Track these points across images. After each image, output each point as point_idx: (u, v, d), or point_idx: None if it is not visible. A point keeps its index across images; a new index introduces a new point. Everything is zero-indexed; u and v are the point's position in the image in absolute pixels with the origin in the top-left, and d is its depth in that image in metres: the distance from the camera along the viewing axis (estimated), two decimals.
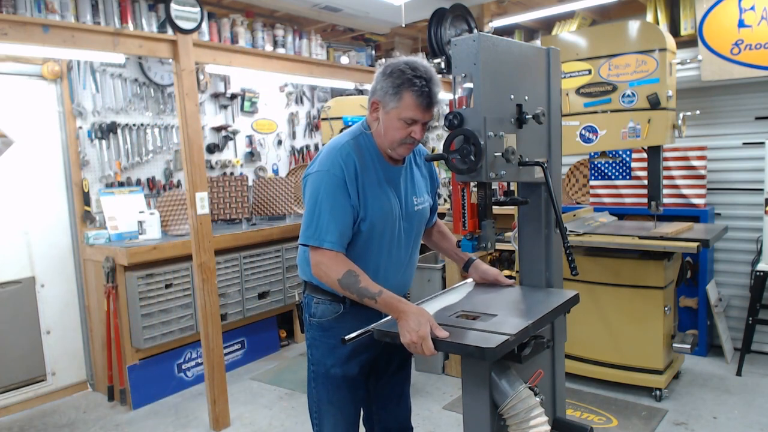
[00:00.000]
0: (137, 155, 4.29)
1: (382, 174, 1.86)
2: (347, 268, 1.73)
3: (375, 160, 1.86)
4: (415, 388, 3.88)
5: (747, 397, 3.50)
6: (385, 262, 1.89)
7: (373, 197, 1.82)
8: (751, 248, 4.12)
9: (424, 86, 1.74)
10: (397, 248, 1.92)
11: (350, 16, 4.34)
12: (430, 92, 1.75)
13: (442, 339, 1.55)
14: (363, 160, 1.82)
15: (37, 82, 3.83)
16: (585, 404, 3.48)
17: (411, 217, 1.95)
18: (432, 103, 1.77)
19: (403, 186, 1.93)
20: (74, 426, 3.57)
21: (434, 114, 1.85)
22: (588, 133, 3.39)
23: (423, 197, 2.00)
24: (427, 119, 1.80)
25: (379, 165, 1.87)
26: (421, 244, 2.12)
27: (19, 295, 3.79)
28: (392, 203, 1.87)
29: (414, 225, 1.98)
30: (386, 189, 1.86)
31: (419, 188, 2.00)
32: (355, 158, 1.80)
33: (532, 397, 1.66)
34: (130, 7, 3.25)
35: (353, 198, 1.77)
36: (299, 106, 5.72)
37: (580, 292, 3.56)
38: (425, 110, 1.77)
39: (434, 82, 1.76)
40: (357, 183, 1.78)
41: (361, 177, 1.80)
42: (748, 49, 3.76)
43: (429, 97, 1.75)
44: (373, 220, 1.81)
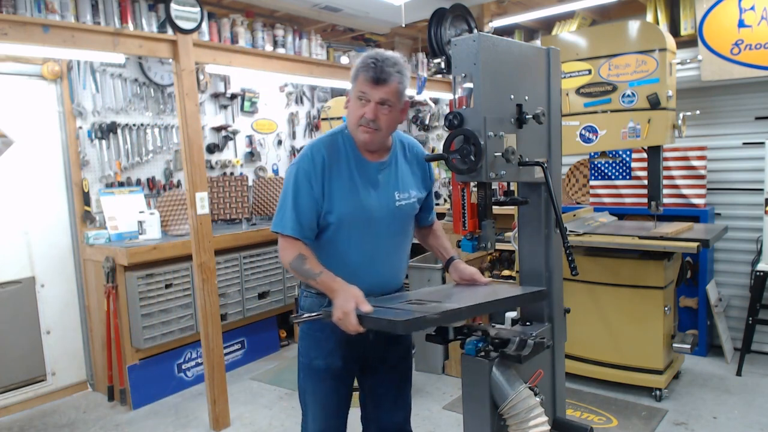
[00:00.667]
0: (137, 155, 4.29)
1: (355, 169, 1.89)
2: (299, 252, 1.85)
3: (350, 156, 1.90)
4: (415, 388, 3.88)
5: (747, 397, 3.50)
6: (358, 256, 1.90)
7: (341, 191, 1.86)
8: (751, 248, 4.12)
9: (373, 63, 1.80)
10: (371, 243, 1.91)
11: (350, 16, 4.34)
12: (379, 68, 1.79)
13: (364, 314, 1.59)
14: (335, 155, 1.88)
15: (37, 82, 3.83)
16: (585, 404, 3.48)
17: (390, 212, 1.93)
18: (381, 80, 1.79)
19: (383, 181, 1.93)
20: (74, 426, 3.57)
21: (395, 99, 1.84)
22: (588, 133, 3.39)
23: (408, 193, 1.98)
24: (377, 96, 1.81)
25: (354, 160, 1.90)
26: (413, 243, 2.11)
27: (19, 295, 3.79)
28: (363, 198, 1.88)
29: (395, 221, 1.96)
30: (358, 184, 1.88)
31: (404, 184, 1.98)
32: (324, 154, 1.87)
33: (532, 397, 1.66)
34: (130, 7, 3.25)
35: (317, 190, 1.85)
36: (299, 106, 5.72)
37: (581, 292, 3.59)
38: (373, 85, 1.80)
39: (387, 62, 1.80)
40: (323, 177, 1.85)
41: (328, 171, 1.86)
42: (748, 49, 3.76)
43: (376, 71, 1.78)
44: (340, 214, 1.86)
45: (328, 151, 1.89)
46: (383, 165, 1.95)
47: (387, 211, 1.93)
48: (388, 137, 1.94)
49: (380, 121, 1.83)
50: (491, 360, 1.69)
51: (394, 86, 1.82)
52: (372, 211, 1.89)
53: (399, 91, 1.84)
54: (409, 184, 2.00)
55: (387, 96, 1.81)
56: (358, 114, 1.84)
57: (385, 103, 1.82)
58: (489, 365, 1.68)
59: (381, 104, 1.82)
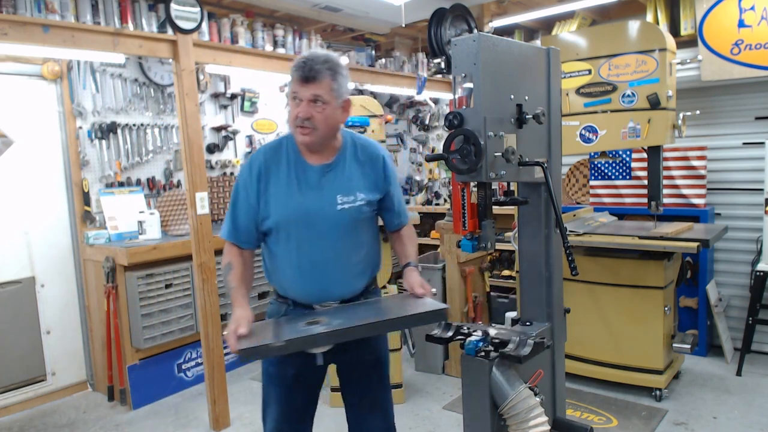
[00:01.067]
0: (137, 155, 4.28)
1: (294, 173, 1.88)
2: (230, 259, 1.92)
3: (292, 159, 1.90)
4: (415, 388, 3.88)
5: (747, 397, 3.50)
6: (302, 261, 1.88)
7: (277, 196, 1.87)
8: (751, 248, 4.12)
9: (303, 62, 1.78)
10: (312, 248, 1.87)
11: (350, 16, 4.34)
12: (308, 67, 1.77)
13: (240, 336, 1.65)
14: (276, 160, 1.89)
15: (37, 82, 3.83)
16: (585, 404, 3.48)
17: (332, 216, 1.87)
18: (309, 77, 1.76)
19: (326, 184, 1.89)
20: (74, 426, 3.57)
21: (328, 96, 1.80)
22: (588, 133, 3.39)
23: (353, 196, 1.90)
24: (308, 94, 1.78)
25: (294, 163, 1.89)
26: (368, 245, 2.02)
27: (19, 295, 3.78)
28: (300, 201, 1.86)
29: (339, 225, 1.89)
30: (296, 187, 1.87)
31: (350, 187, 1.91)
32: (262, 159, 1.90)
33: (532, 397, 1.66)
34: (130, 7, 3.25)
35: (252, 197, 1.88)
36: None
37: (581, 292, 3.59)
38: (303, 83, 1.78)
39: (317, 60, 1.77)
40: (258, 184, 1.88)
41: (265, 177, 1.88)
42: (748, 49, 3.76)
43: (305, 70, 1.76)
44: (276, 219, 1.87)
45: (269, 156, 1.90)
46: (328, 167, 1.90)
47: (327, 215, 1.87)
48: (329, 137, 1.88)
49: (315, 120, 1.79)
50: (491, 360, 1.69)
51: (326, 83, 1.78)
52: (310, 214, 1.86)
53: (332, 88, 1.80)
54: (357, 186, 1.93)
55: (318, 93, 1.78)
56: (293, 115, 1.82)
57: (318, 100, 1.78)
58: (489, 365, 1.68)
59: (313, 102, 1.79)
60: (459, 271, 4.03)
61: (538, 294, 2.02)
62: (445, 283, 4.09)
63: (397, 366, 3.66)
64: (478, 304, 4.18)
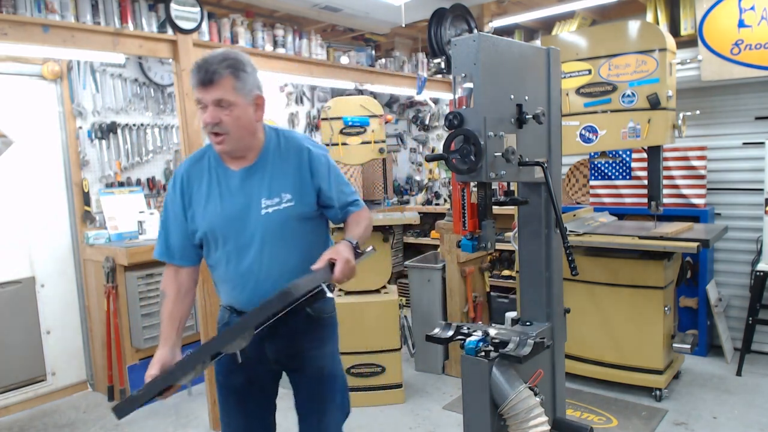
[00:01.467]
0: (137, 155, 4.29)
1: (216, 181, 1.80)
2: (162, 287, 1.87)
3: (213, 167, 1.82)
4: (415, 388, 3.89)
5: (747, 397, 3.50)
6: (230, 271, 1.80)
7: (200, 206, 1.79)
8: (751, 248, 4.12)
9: (199, 64, 1.68)
10: (241, 257, 1.78)
11: (350, 16, 4.34)
12: (204, 69, 1.66)
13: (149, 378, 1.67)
14: (199, 170, 1.83)
15: (37, 82, 3.83)
16: (585, 404, 3.48)
17: (258, 222, 1.76)
18: (207, 80, 1.65)
19: (249, 188, 1.78)
20: (74, 426, 3.57)
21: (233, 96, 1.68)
22: (588, 133, 3.39)
23: (279, 198, 1.78)
24: (210, 99, 1.67)
25: (216, 172, 1.81)
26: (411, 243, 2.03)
27: (19, 295, 3.79)
28: (223, 210, 1.77)
29: (269, 231, 1.76)
30: (217, 196, 1.78)
31: (275, 188, 1.78)
32: (184, 172, 1.84)
33: (532, 397, 1.66)
34: (130, 7, 3.25)
35: (178, 212, 1.82)
36: (299, 106, 5.72)
37: (580, 292, 3.59)
38: (202, 88, 1.67)
39: (214, 60, 1.66)
40: (183, 196, 1.82)
41: (188, 189, 1.82)
42: (748, 49, 3.76)
43: (201, 73, 1.66)
44: (203, 230, 1.80)
45: (191, 168, 1.84)
46: (249, 170, 1.79)
47: (253, 221, 1.76)
48: (245, 139, 1.76)
49: (225, 124, 1.68)
50: (491, 360, 1.69)
51: (227, 83, 1.66)
52: (234, 222, 1.77)
53: (235, 87, 1.68)
54: (283, 186, 1.79)
55: (220, 95, 1.66)
56: (203, 122, 1.71)
57: (221, 103, 1.67)
58: (489, 365, 1.68)
59: (218, 106, 1.67)
60: (459, 271, 4.03)
61: (538, 294, 2.02)
62: (445, 283, 4.09)
63: (397, 366, 3.67)
64: (478, 304, 4.18)
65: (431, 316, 4.09)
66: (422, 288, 4.16)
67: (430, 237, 5.86)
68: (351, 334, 3.62)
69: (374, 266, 3.71)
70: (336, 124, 3.62)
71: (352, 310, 3.62)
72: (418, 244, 6.08)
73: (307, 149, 1.84)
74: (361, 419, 3.46)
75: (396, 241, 5.95)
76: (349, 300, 3.65)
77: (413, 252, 5.71)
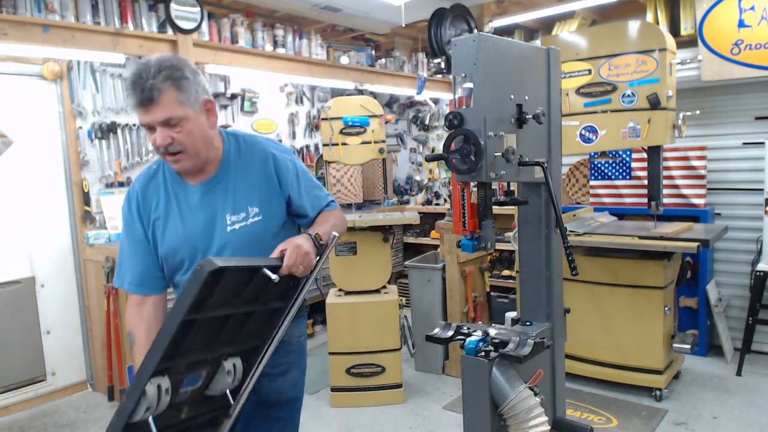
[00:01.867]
0: (137, 155, 4.28)
1: (175, 199, 1.63)
2: (129, 328, 1.65)
3: (170, 183, 1.65)
4: (415, 388, 3.89)
5: (747, 397, 3.50)
6: None
7: (161, 229, 1.63)
8: (751, 248, 4.12)
9: (134, 80, 1.46)
10: None
11: (350, 16, 4.34)
12: (140, 88, 1.45)
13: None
14: (154, 187, 1.65)
15: (37, 82, 3.83)
16: (585, 404, 3.48)
17: (225, 240, 1.61)
18: (147, 100, 1.45)
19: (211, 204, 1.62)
20: (74, 426, 3.57)
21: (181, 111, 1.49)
22: (588, 133, 3.39)
23: (245, 212, 1.62)
24: (156, 120, 1.48)
25: (173, 189, 1.64)
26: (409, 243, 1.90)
27: (19, 295, 3.78)
28: (182, 231, 1.61)
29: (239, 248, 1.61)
30: (178, 216, 1.62)
31: (240, 201, 1.63)
32: (139, 191, 1.66)
33: (532, 397, 1.65)
34: (130, 7, 3.25)
35: (139, 233, 1.64)
36: (299, 106, 5.72)
37: (580, 292, 3.59)
38: (144, 109, 1.47)
39: (149, 74, 1.45)
40: (141, 217, 1.64)
41: (145, 209, 1.64)
42: (748, 49, 3.76)
43: (137, 93, 1.45)
44: (166, 254, 1.63)
45: (145, 186, 1.66)
46: (209, 184, 1.63)
47: (219, 240, 1.61)
48: (204, 151, 1.58)
49: (180, 142, 1.51)
50: (491, 360, 1.69)
51: (170, 98, 1.47)
52: (197, 243, 1.61)
53: (180, 100, 1.48)
54: (248, 199, 1.64)
55: (166, 114, 1.47)
56: (153, 143, 1.54)
57: (169, 121, 1.48)
58: (489, 365, 1.68)
59: (167, 125, 1.49)
60: (459, 271, 4.03)
61: (538, 294, 2.02)
62: (445, 283, 4.09)
63: (397, 366, 3.67)
64: (478, 304, 4.18)
65: (431, 316, 4.09)
66: (422, 288, 4.16)
67: (430, 237, 5.87)
68: (351, 334, 3.62)
69: (374, 266, 3.71)
70: (336, 124, 3.62)
71: (352, 310, 3.62)
72: (418, 244, 6.08)
73: (272, 155, 1.68)
74: (361, 419, 3.47)
75: (396, 241, 5.95)
76: (349, 300, 3.65)
77: (413, 252, 5.71)
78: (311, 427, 3.41)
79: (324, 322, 4.87)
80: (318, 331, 5.18)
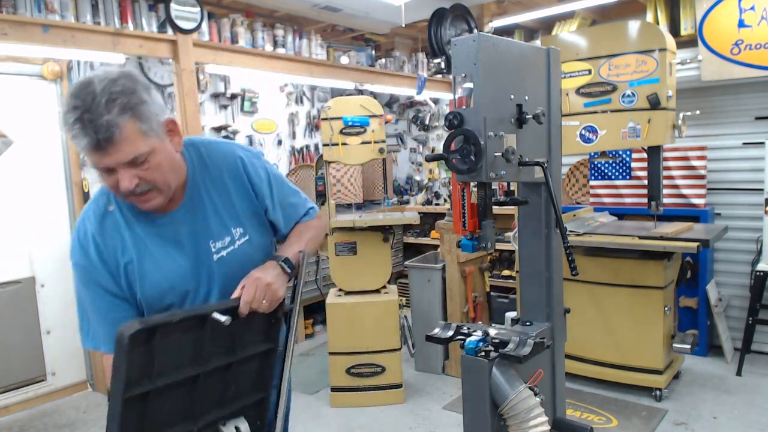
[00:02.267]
0: None
1: (143, 237, 1.36)
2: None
3: (130, 220, 1.37)
4: (415, 388, 3.89)
5: (747, 397, 3.50)
6: None
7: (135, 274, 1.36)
8: (751, 248, 4.12)
9: (80, 117, 1.15)
10: None
11: (350, 16, 4.34)
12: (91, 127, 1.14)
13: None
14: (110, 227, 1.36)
15: (37, 82, 3.83)
16: (585, 404, 3.48)
17: (211, 272, 1.41)
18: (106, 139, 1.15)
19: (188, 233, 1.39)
20: (74, 426, 3.57)
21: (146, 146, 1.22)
22: (588, 133, 3.39)
23: (230, 236, 1.42)
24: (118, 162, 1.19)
25: (139, 225, 1.36)
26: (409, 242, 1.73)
27: (19, 295, 3.78)
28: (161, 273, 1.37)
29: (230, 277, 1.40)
30: (151, 256, 1.36)
31: (224, 222, 1.42)
32: (94, 233, 1.36)
33: (532, 397, 1.65)
34: (130, 7, 3.25)
35: (106, 281, 1.35)
36: (299, 106, 5.72)
37: (580, 292, 3.60)
38: (97, 152, 1.18)
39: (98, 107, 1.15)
40: (108, 265, 1.34)
41: (110, 255, 1.35)
42: (748, 49, 3.76)
43: (89, 130, 1.15)
44: (149, 301, 1.38)
45: (101, 229, 1.36)
46: (181, 212, 1.39)
47: (205, 273, 1.41)
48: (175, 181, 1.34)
49: (149, 181, 1.25)
50: (491, 360, 1.69)
51: (132, 132, 1.18)
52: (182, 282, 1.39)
53: (143, 131, 1.20)
54: (230, 218, 1.43)
55: (132, 153, 1.19)
56: (112, 187, 1.27)
57: (135, 161, 1.21)
58: (489, 365, 1.68)
59: (133, 165, 1.22)
60: (459, 271, 4.03)
61: (538, 294, 2.02)
62: (445, 283, 4.09)
63: (397, 366, 3.67)
64: (478, 304, 4.18)
65: (431, 316, 4.09)
66: (422, 288, 4.16)
67: (430, 237, 5.87)
68: (351, 334, 3.62)
69: (374, 266, 3.71)
70: (336, 124, 3.62)
71: (352, 310, 3.62)
72: (418, 244, 6.08)
73: (240, 159, 1.46)
74: (361, 419, 3.47)
75: (396, 241, 5.95)
76: (349, 300, 3.65)
77: (413, 252, 5.71)
78: (311, 427, 3.41)
79: (324, 322, 4.88)
80: (318, 331, 5.18)
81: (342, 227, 3.63)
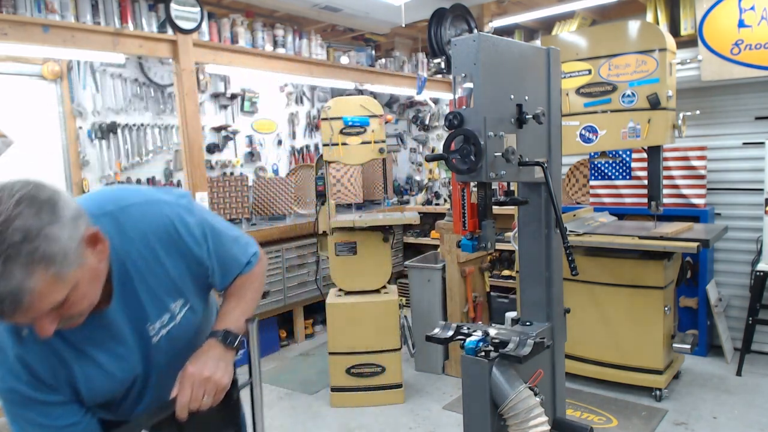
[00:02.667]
0: (137, 155, 4.29)
1: (75, 342, 1.18)
2: None
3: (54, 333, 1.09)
4: (415, 388, 3.89)
5: (747, 397, 3.50)
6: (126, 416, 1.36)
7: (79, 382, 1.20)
8: (751, 248, 4.12)
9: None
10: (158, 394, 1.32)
11: (350, 16, 4.34)
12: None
13: None
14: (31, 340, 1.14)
15: (37, 82, 3.83)
16: (585, 404, 3.48)
17: (152, 355, 1.28)
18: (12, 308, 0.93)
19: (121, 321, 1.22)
20: None
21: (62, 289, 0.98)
22: (588, 133, 3.39)
23: (169, 310, 1.27)
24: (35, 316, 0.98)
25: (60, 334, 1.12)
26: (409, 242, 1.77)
27: None
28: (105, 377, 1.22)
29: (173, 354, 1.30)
30: (89, 362, 1.20)
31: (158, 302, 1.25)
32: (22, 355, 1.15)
33: (532, 397, 1.65)
34: (130, 7, 3.25)
35: (46, 397, 1.18)
36: (299, 106, 5.72)
37: (580, 292, 3.60)
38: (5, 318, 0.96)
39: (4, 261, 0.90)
40: (42, 380, 1.17)
41: (50, 373, 1.17)
42: (748, 49, 3.76)
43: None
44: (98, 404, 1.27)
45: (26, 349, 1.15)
46: (113, 308, 1.21)
47: (149, 358, 1.28)
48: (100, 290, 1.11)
49: (75, 314, 1.06)
50: (491, 360, 1.69)
51: (44, 284, 0.95)
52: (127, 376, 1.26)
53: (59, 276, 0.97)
54: (165, 293, 1.26)
55: (48, 306, 0.98)
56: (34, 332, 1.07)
57: (56, 305, 1.00)
58: (489, 365, 1.68)
59: (56, 310, 1.01)
60: (459, 271, 4.03)
61: (538, 294, 2.02)
62: (445, 283, 4.09)
63: (397, 366, 3.67)
64: (478, 304, 4.19)
65: (431, 316, 4.09)
66: (422, 288, 4.16)
67: (430, 237, 5.87)
68: (351, 334, 3.62)
69: (374, 266, 3.71)
70: (336, 124, 3.62)
71: (352, 310, 3.62)
72: (418, 244, 6.08)
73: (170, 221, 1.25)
74: (361, 419, 3.47)
75: (396, 241, 5.95)
76: (349, 300, 3.65)
77: (413, 252, 5.71)
78: (311, 427, 3.41)
79: (324, 322, 4.88)
80: (318, 331, 5.18)
81: (342, 227, 3.63)
